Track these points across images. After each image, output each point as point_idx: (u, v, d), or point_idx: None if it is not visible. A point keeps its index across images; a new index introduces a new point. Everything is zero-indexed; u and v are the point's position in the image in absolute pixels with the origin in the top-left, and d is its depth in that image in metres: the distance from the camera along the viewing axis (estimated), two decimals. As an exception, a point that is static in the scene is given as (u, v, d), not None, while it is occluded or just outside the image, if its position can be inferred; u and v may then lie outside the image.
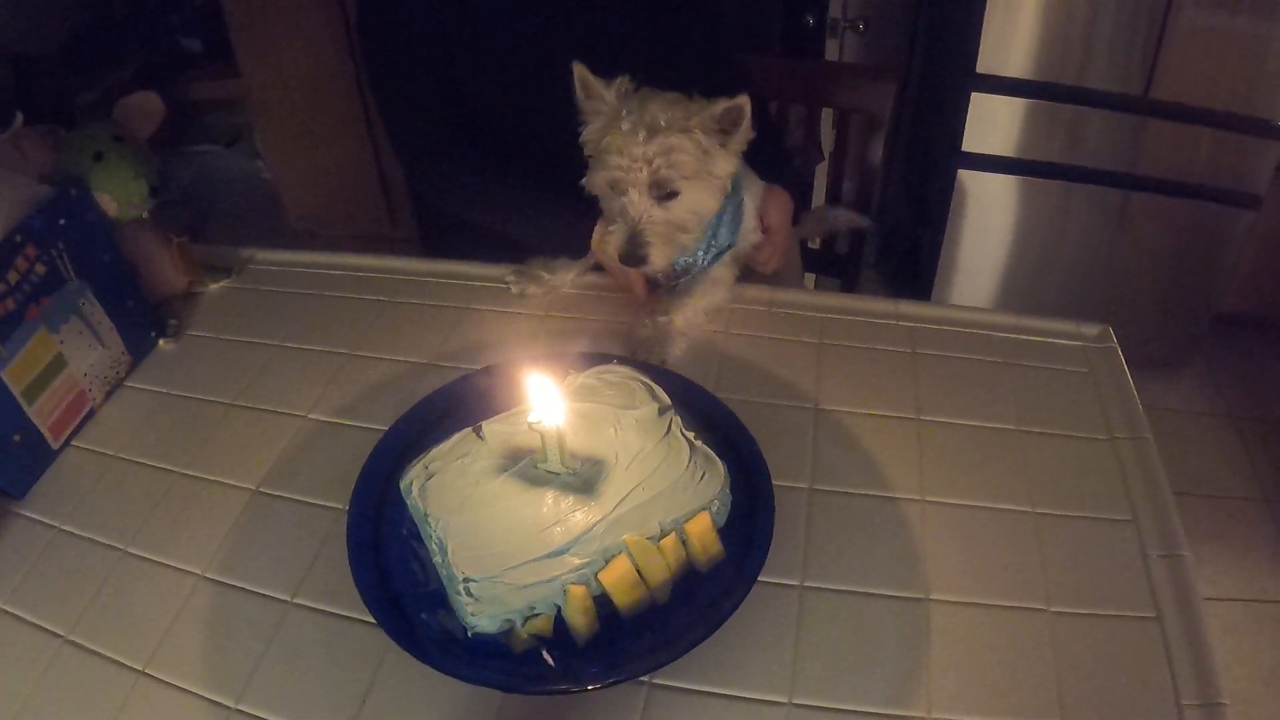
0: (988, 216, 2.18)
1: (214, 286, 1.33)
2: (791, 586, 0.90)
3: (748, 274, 1.32)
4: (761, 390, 1.07)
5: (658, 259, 1.11)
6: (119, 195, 1.18)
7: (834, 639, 0.86)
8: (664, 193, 1.09)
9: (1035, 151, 2.06)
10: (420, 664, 0.77)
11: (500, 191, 1.35)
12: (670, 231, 1.11)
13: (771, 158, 1.31)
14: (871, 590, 0.90)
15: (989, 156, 2.03)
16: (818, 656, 0.85)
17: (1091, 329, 1.21)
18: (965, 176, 2.09)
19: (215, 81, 2.23)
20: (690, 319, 1.18)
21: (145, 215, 1.23)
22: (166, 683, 0.85)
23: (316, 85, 2.18)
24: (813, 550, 0.93)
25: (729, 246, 1.23)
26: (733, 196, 1.20)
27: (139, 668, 0.86)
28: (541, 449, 0.82)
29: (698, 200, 1.11)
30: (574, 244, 1.26)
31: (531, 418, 0.79)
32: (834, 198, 1.81)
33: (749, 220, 1.25)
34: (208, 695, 0.84)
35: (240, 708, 0.82)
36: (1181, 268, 2.18)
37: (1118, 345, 1.19)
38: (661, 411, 0.89)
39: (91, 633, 0.90)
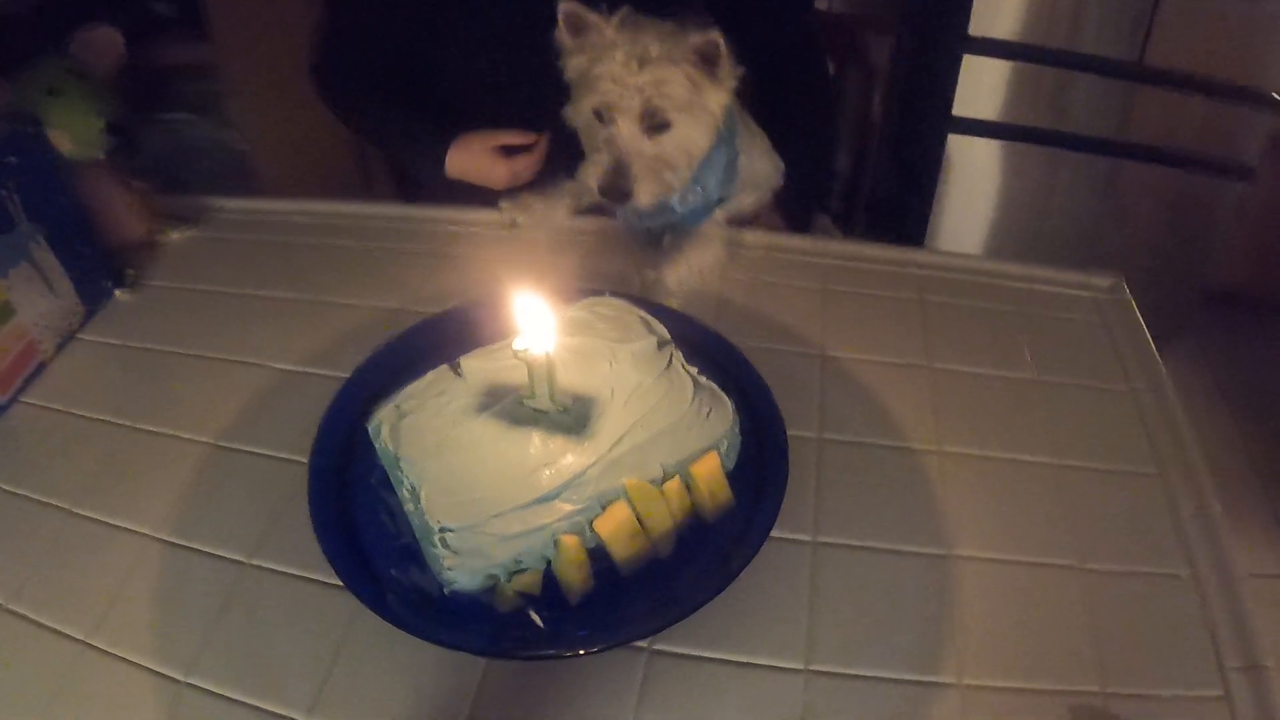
0: (974, 183, 2.06)
1: (176, 235, 1.18)
2: (803, 542, 0.77)
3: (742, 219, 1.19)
4: (763, 335, 0.94)
5: (644, 195, 0.98)
6: (74, 132, 1.04)
7: (852, 599, 0.74)
8: (655, 123, 0.97)
9: (1022, 117, 1.94)
10: (391, 629, 0.65)
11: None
12: (658, 167, 0.98)
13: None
14: (890, 546, 0.78)
15: (979, 121, 1.92)
16: (835, 618, 0.72)
17: (1103, 280, 1.10)
18: (952, 142, 1.97)
19: (187, 45, 2.09)
20: (683, 277, 1.04)
21: (102, 155, 1.08)
22: (110, 654, 0.72)
23: (289, 49, 2.05)
24: (824, 503, 0.80)
25: (720, 201, 1.10)
26: (727, 148, 1.07)
27: (81, 638, 0.73)
28: (528, 384, 0.68)
29: (689, 136, 0.99)
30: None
31: (517, 345, 0.66)
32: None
33: (744, 176, 1.13)
34: (155, 667, 0.71)
35: (190, 680, 0.70)
36: (1171, 239, 2.07)
37: (1131, 298, 1.08)
38: (661, 345, 0.75)
39: (34, 601, 0.76)
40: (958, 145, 2.00)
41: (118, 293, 1.10)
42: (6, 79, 1.04)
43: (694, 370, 0.75)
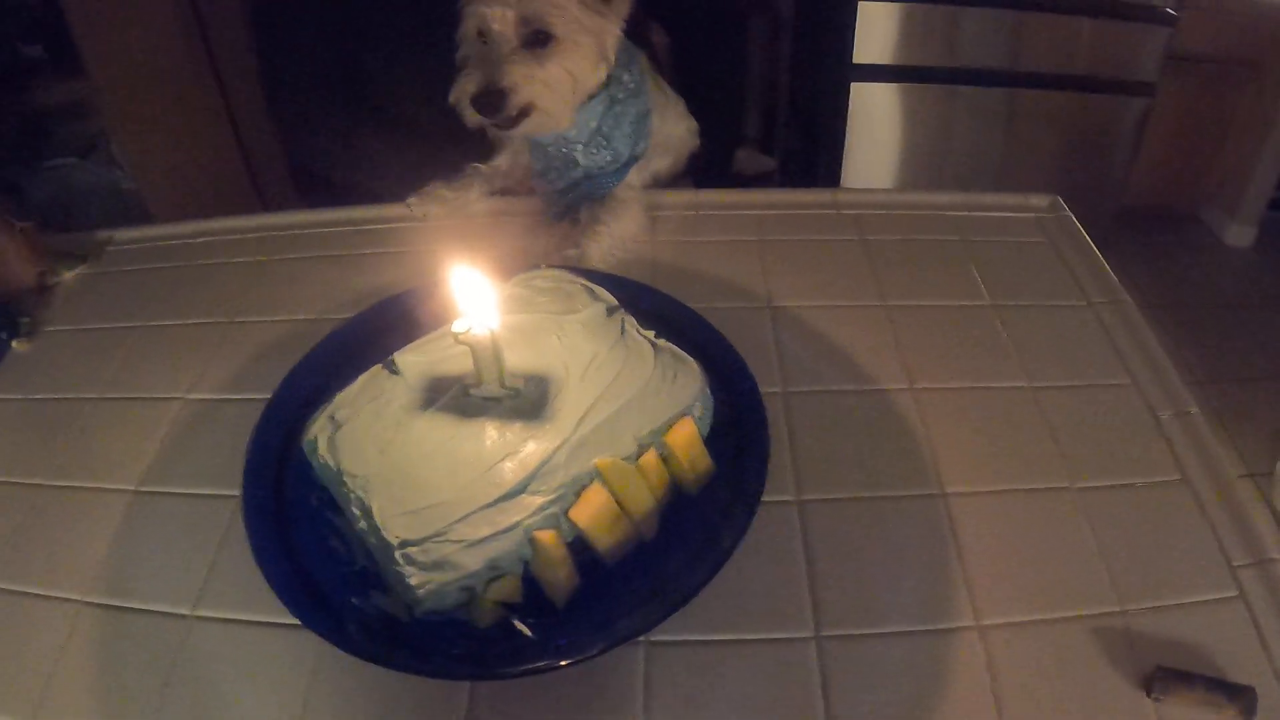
0: (875, 128, 2.02)
1: (69, 275, 1.06)
2: (787, 503, 0.71)
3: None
4: (704, 294, 0.87)
5: (516, 103, 0.90)
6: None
7: (850, 555, 0.68)
8: (532, 32, 0.89)
9: (914, 57, 1.92)
10: (363, 663, 0.57)
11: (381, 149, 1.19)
12: (537, 83, 0.90)
13: None
14: (879, 493, 0.73)
15: (879, 66, 1.89)
16: (836, 578, 0.66)
17: (1040, 200, 1.06)
18: (852, 90, 1.93)
19: (62, 84, 1.95)
20: (606, 249, 0.97)
21: (-25, 199, 0.98)
22: (61, 735, 0.62)
23: (170, 78, 1.92)
24: (801, 460, 0.75)
25: (631, 161, 1.03)
26: (635, 102, 1.00)
27: (24, 724, 0.63)
28: (474, 370, 0.61)
29: (573, 59, 0.91)
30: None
31: (457, 327, 0.58)
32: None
33: (658, 138, 1.06)
34: (109, 748, 0.60)
35: (150, 756, 0.60)
36: (1078, 164, 2.08)
37: (1071, 213, 1.05)
38: (610, 311, 0.68)
39: (-38, 691, 0.65)
40: (857, 92, 1.96)
41: (14, 344, 0.99)
42: None
43: (650, 334, 0.68)
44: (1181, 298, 2.36)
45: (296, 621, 0.62)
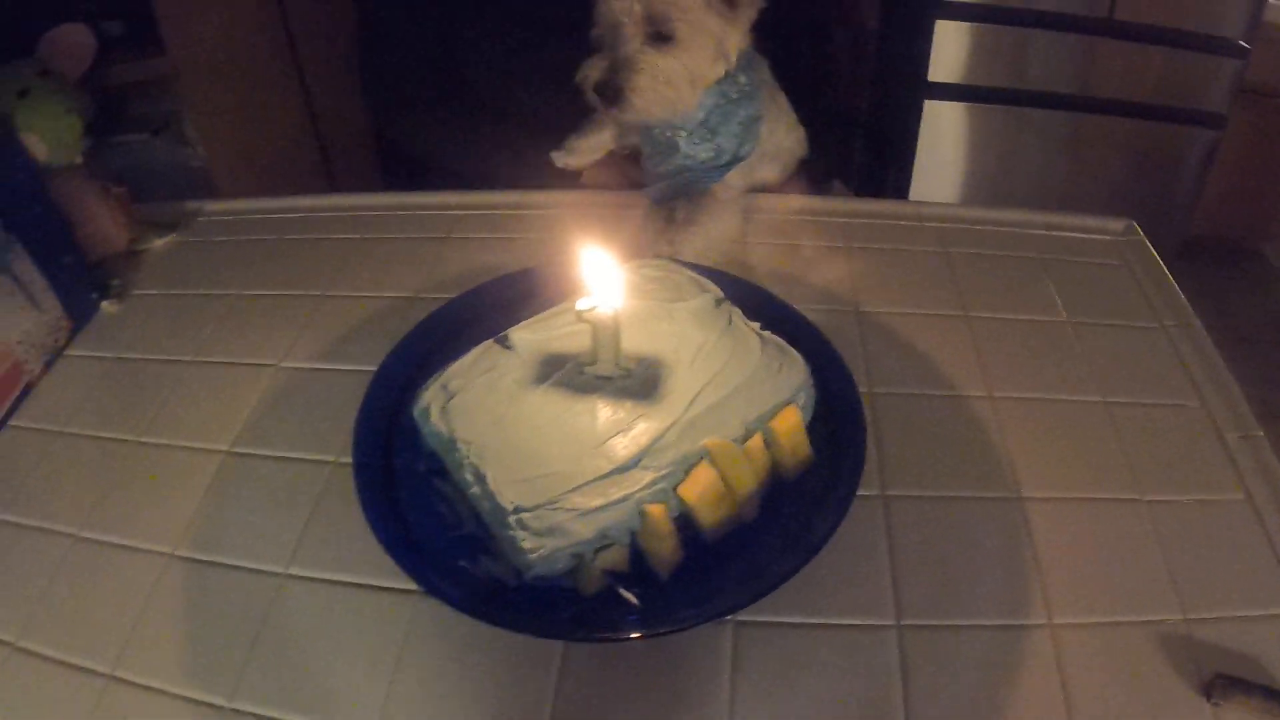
0: (943, 147, 2.05)
1: (159, 242, 1.10)
2: (872, 497, 0.74)
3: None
4: (794, 295, 0.89)
5: (637, 98, 0.95)
6: (48, 135, 0.97)
7: (931, 550, 0.71)
8: (657, 31, 0.94)
9: (985, 78, 1.94)
10: (460, 625, 0.60)
11: (484, 130, 1.23)
12: (656, 77, 0.95)
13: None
14: (958, 494, 0.75)
15: (952, 85, 1.91)
16: (918, 571, 0.69)
17: (1116, 224, 1.08)
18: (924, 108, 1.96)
19: (139, 63, 2.00)
20: (699, 249, 0.99)
21: (79, 159, 1.01)
22: (141, 685, 0.65)
23: (247, 59, 1.97)
24: (886, 457, 0.77)
25: (735, 160, 1.05)
26: (748, 104, 1.03)
27: (105, 671, 0.66)
28: (589, 350, 0.64)
29: (693, 57, 0.95)
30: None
31: (581, 305, 0.61)
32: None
33: (764, 146, 1.09)
34: (193, 695, 0.64)
35: (235, 706, 0.63)
36: (1143, 192, 2.09)
37: (1145, 238, 1.07)
38: (718, 302, 0.71)
39: (46, 636, 0.69)
40: (928, 110, 1.99)
41: (104, 305, 1.03)
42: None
43: (756, 325, 0.71)
44: (1241, 332, 2.35)
45: (390, 584, 0.67)
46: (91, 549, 0.76)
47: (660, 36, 0.94)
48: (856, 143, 1.82)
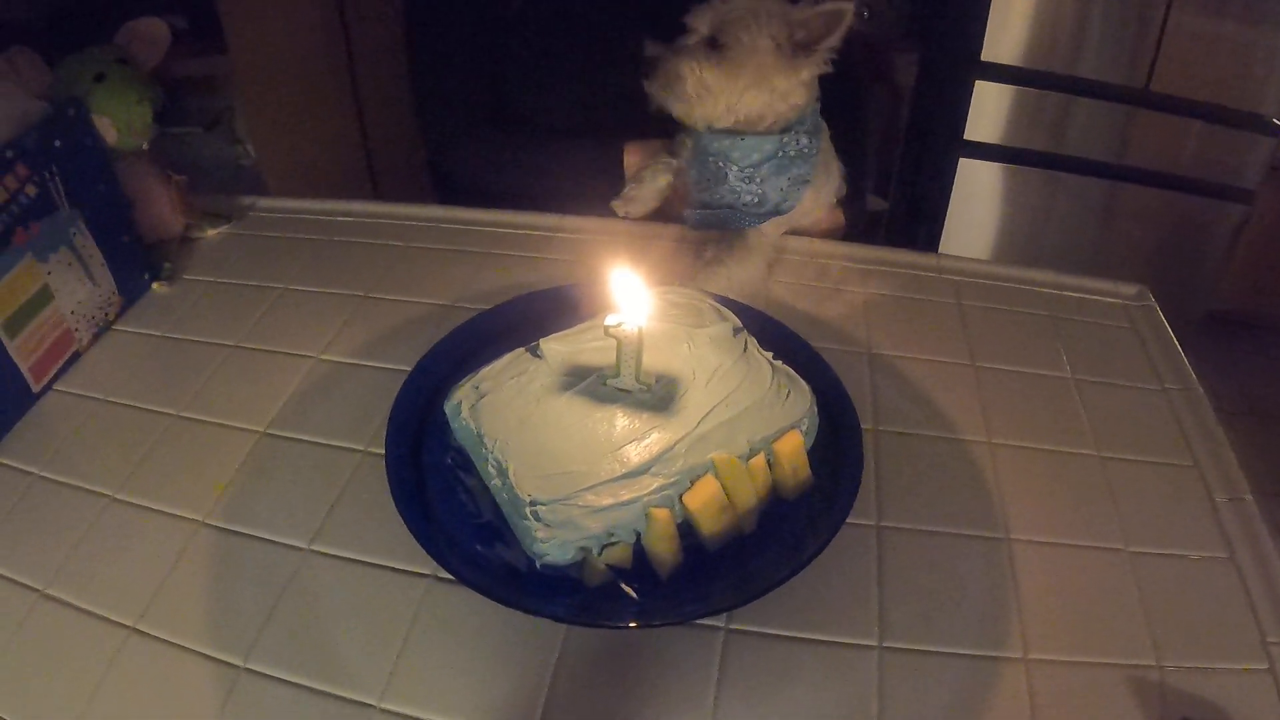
0: (975, 206, 2.11)
1: (212, 232, 1.18)
2: (868, 526, 0.79)
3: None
4: (812, 333, 0.95)
5: (681, 100, 1.04)
6: (120, 120, 1.04)
7: (918, 579, 0.76)
8: (713, 37, 1.03)
9: (1022, 140, 2.00)
10: (464, 607, 0.66)
11: (531, 157, 1.30)
12: (700, 81, 1.03)
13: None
14: (950, 530, 0.80)
15: (988, 145, 1.97)
16: (904, 598, 0.74)
17: (1129, 289, 1.14)
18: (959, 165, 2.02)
19: (198, 59, 2.09)
20: (720, 289, 1.04)
21: (145, 145, 1.09)
22: (160, 639, 0.71)
23: (305, 64, 2.04)
24: (885, 490, 0.83)
25: (774, 212, 1.11)
26: (801, 164, 1.09)
27: (129, 623, 0.72)
28: (614, 364, 0.70)
29: (737, 76, 1.03)
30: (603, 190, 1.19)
31: (610, 320, 0.67)
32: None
33: (805, 207, 1.15)
34: (211, 653, 0.70)
35: (249, 665, 0.69)
36: (1169, 262, 2.13)
37: (1156, 305, 1.12)
38: (735, 331, 0.77)
39: (74, 586, 0.75)
40: (963, 167, 2.04)
41: (155, 285, 1.10)
42: (53, 67, 1.04)
43: (769, 355, 0.77)
44: (1257, 407, 2.37)
45: (405, 566, 0.72)
46: (126, 510, 0.82)
47: (715, 44, 1.02)
48: (890, 195, 1.88)
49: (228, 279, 1.11)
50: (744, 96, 1.04)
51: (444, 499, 0.73)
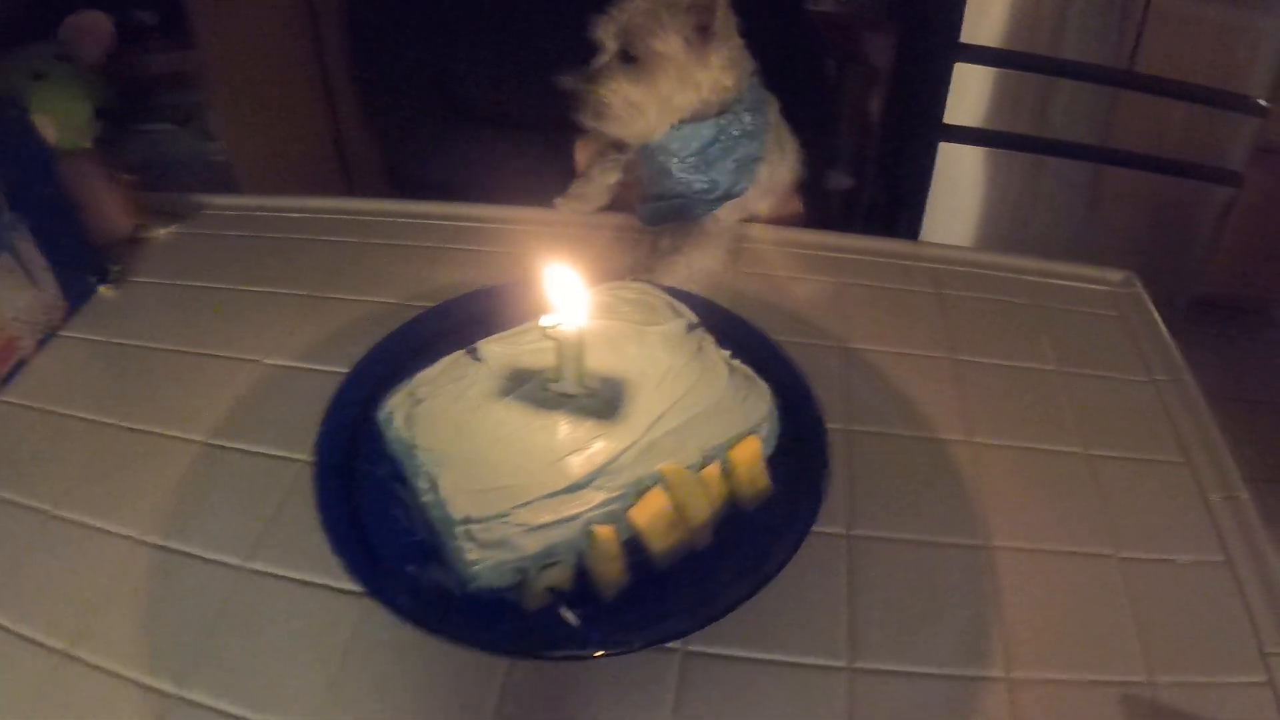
0: (956, 192, 2.05)
1: (162, 232, 1.11)
2: (837, 535, 0.73)
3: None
4: (781, 327, 0.89)
5: (614, 122, 0.99)
6: (60, 118, 0.98)
7: (892, 593, 0.70)
8: (624, 50, 0.97)
9: (1004, 124, 1.94)
10: (407, 631, 0.59)
11: (480, 152, 1.24)
12: (623, 99, 0.97)
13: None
14: (927, 538, 0.74)
15: (969, 129, 1.91)
16: (876, 613, 0.68)
17: (1115, 275, 1.08)
18: (939, 149, 1.96)
19: (169, 53, 2.02)
20: (681, 281, 0.97)
21: (89, 144, 1.02)
22: (94, 665, 0.65)
23: (275, 61, 1.98)
24: (857, 495, 0.77)
25: (727, 196, 1.05)
26: (747, 143, 1.03)
27: (61, 648, 0.66)
28: (555, 366, 0.63)
29: (665, 87, 0.98)
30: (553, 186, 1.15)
31: (546, 321, 0.61)
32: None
33: (761, 186, 1.09)
34: (143, 680, 0.64)
35: (182, 694, 0.63)
36: (1155, 247, 2.08)
37: (1144, 291, 1.06)
38: (690, 328, 0.71)
39: (8, 608, 0.69)
40: (944, 152, 1.98)
41: (101, 289, 1.04)
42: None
43: (726, 354, 0.70)
44: (1246, 393, 2.33)
45: (343, 585, 0.66)
46: (64, 528, 0.76)
47: (628, 56, 0.96)
48: (868, 180, 1.82)
49: (176, 280, 1.05)
50: (672, 101, 0.99)
51: (377, 515, 0.66)
